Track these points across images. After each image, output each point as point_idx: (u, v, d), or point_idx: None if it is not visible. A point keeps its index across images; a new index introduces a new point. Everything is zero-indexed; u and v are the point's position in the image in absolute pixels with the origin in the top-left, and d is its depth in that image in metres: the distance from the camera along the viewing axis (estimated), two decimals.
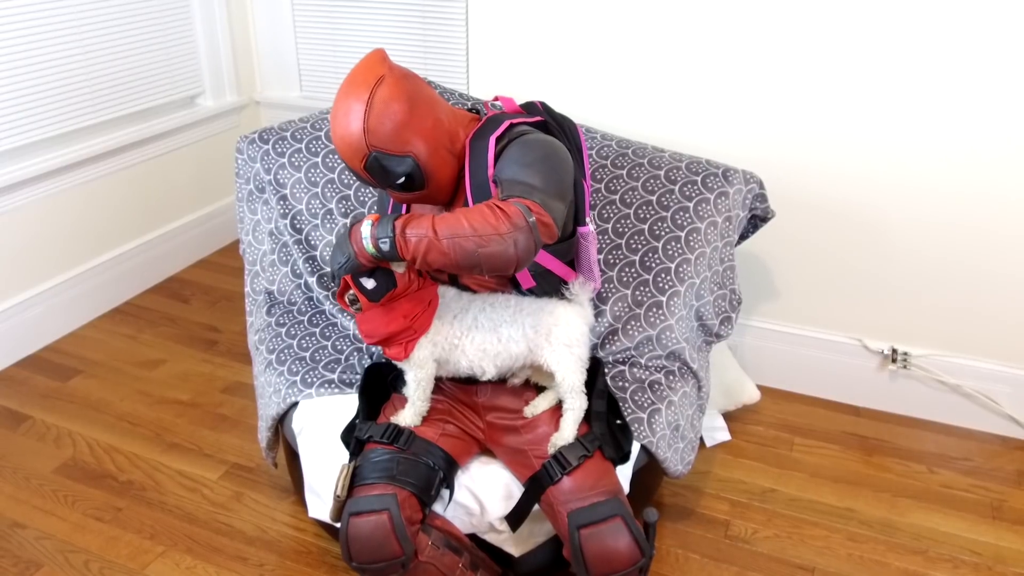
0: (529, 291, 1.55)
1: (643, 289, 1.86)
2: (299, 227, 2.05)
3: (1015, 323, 2.20)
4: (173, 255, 3.15)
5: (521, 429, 1.58)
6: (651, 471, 1.81)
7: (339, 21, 2.92)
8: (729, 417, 2.36)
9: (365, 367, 1.76)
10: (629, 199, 1.95)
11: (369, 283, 1.38)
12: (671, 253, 1.87)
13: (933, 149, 2.10)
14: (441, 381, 1.65)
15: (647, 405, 1.74)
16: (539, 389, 1.62)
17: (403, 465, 1.49)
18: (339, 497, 1.48)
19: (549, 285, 1.57)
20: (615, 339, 1.85)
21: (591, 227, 1.60)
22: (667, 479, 2.12)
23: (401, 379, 1.62)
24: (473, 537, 1.65)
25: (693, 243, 1.88)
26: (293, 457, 1.89)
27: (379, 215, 1.37)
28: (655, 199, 1.93)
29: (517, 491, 1.58)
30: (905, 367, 2.33)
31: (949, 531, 1.98)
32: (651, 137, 2.39)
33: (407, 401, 1.58)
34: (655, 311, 1.84)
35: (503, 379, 1.61)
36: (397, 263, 1.38)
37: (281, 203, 2.05)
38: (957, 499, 2.08)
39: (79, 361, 2.61)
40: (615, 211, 1.94)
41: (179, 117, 3.02)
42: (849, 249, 2.29)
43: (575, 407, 1.52)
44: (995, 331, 2.23)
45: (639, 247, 1.89)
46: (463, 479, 1.60)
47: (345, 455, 1.65)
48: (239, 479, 2.12)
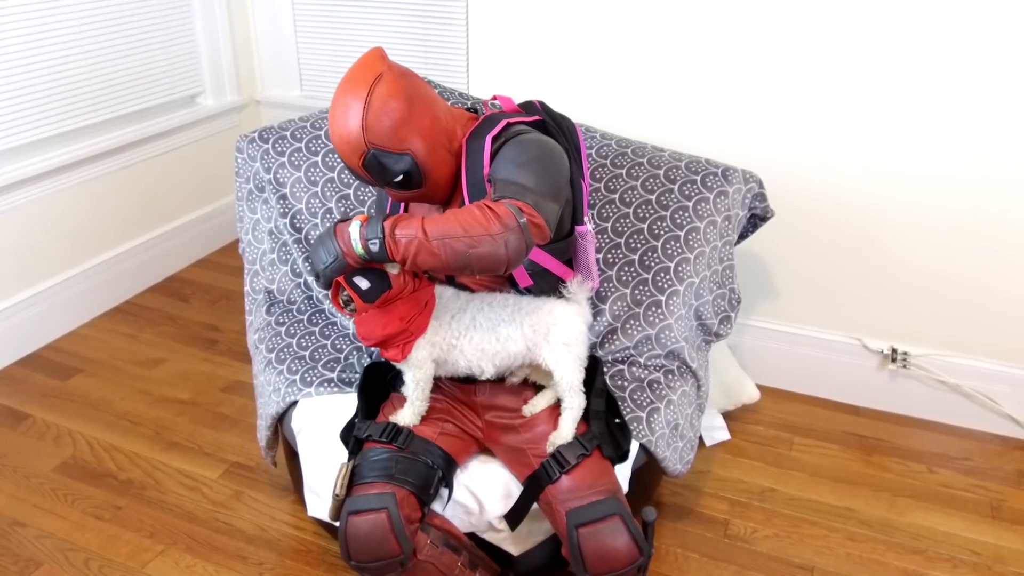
0: (527, 290, 1.55)
1: (642, 288, 1.86)
2: (299, 226, 2.05)
3: (1015, 323, 2.20)
4: (173, 254, 3.15)
5: (520, 428, 1.58)
6: (650, 470, 1.81)
7: (340, 20, 2.92)
8: (728, 416, 2.36)
9: (364, 366, 1.76)
10: (628, 198, 1.95)
11: (363, 283, 1.37)
12: (670, 252, 1.87)
13: (933, 149, 2.10)
14: (440, 380, 1.65)
15: (646, 404, 1.74)
16: (537, 388, 1.62)
17: (402, 464, 1.49)
18: (338, 496, 1.48)
19: (547, 284, 1.57)
20: (614, 338, 1.85)
21: (589, 226, 1.60)
22: (666, 478, 2.12)
23: (400, 378, 1.62)
24: (472, 536, 1.65)
25: (692, 242, 1.88)
26: (292, 456, 1.89)
27: (367, 215, 1.36)
28: (654, 198, 1.93)
29: (516, 490, 1.59)
30: (905, 367, 2.33)
31: (948, 531, 1.98)
32: (650, 136, 2.39)
33: (406, 400, 1.58)
34: (654, 310, 1.84)
35: (502, 378, 1.61)
36: (391, 264, 1.37)
37: (281, 202, 2.05)
38: (956, 499, 2.08)
39: (79, 360, 2.61)
40: (614, 210, 1.95)
41: (179, 116, 3.02)
42: (849, 248, 2.29)
43: (573, 406, 1.52)
44: (995, 331, 2.23)
45: (638, 246, 1.89)
46: (462, 478, 1.60)
47: (344, 454, 1.66)
48: (239, 478, 2.12)
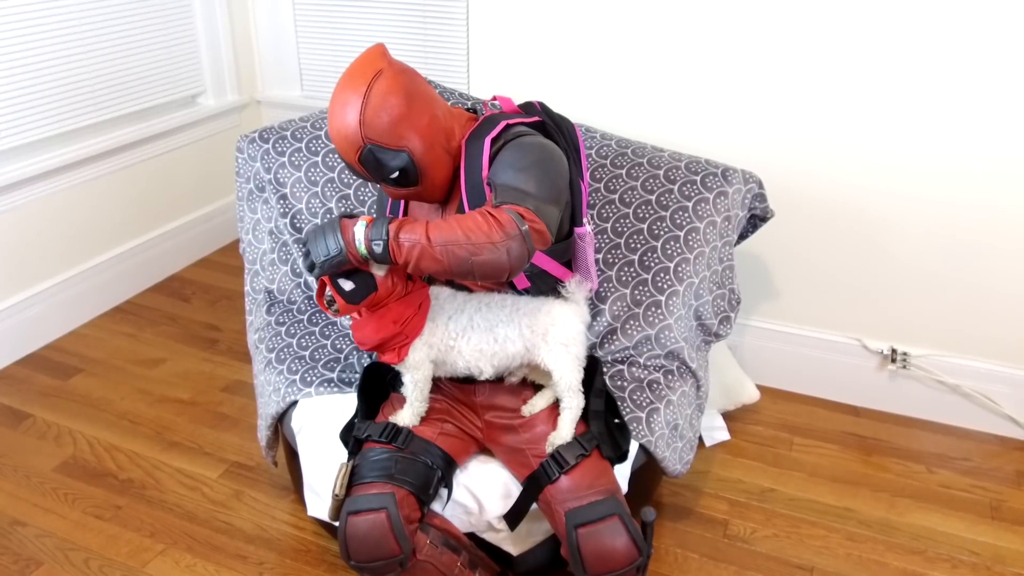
0: (525, 291, 1.56)
1: (642, 288, 1.86)
2: (299, 226, 2.05)
3: (1014, 323, 2.20)
4: (174, 254, 3.16)
5: (519, 428, 1.58)
6: (650, 470, 1.81)
7: (340, 20, 2.93)
8: (728, 417, 2.36)
9: (364, 366, 1.76)
10: (628, 198, 1.95)
11: (347, 284, 1.37)
12: (670, 252, 1.87)
13: (933, 149, 2.10)
14: (439, 381, 1.65)
15: (646, 404, 1.74)
16: (537, 388, 1.62)
17: (401, 464, 1.49)
18: (338, 496, 1.48)
19: (545, 285, 1.57)
20: (614, 338, 1.85)
21: (588, 228, 1.60)
22: (666, 478, 2.12)
23: (400, 379, 1.62)
24: (471, 536, 1.65)
25: (692, 243, 1.88)
26: (292, 456, 1.90)
27: (372, 217, 1.36)
28: (654, 198, 1.93)
29: (515, 490, 1.59)
30: (904, 367, 2.33)
31: (948, 531, 1.98)
32: (650, 137, 2.39)
33: (406, 401, 1.58)
34: (654, 310, 1.84)
35: (501, 378, 1.61)
36: (378, 267, 1.37)
37: (281, 202, 2.06)
38: (956, 499, 2.08)
39: (80, 359, 2.61)
40: (614, 210, 1.95)
41: (180, 116, 3.03)
42: (848, 249, 2.29)
43: (572, 406, 1.52)
44: (994, 331, 2.23)
45: (638, 246, 1.89)
46: (461, 478, 1.61)
47: (344, 454, 1.66)
48: (239, 478, 2.12)
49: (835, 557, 1.90)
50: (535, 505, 1.55)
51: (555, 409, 1.58)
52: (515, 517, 1.56)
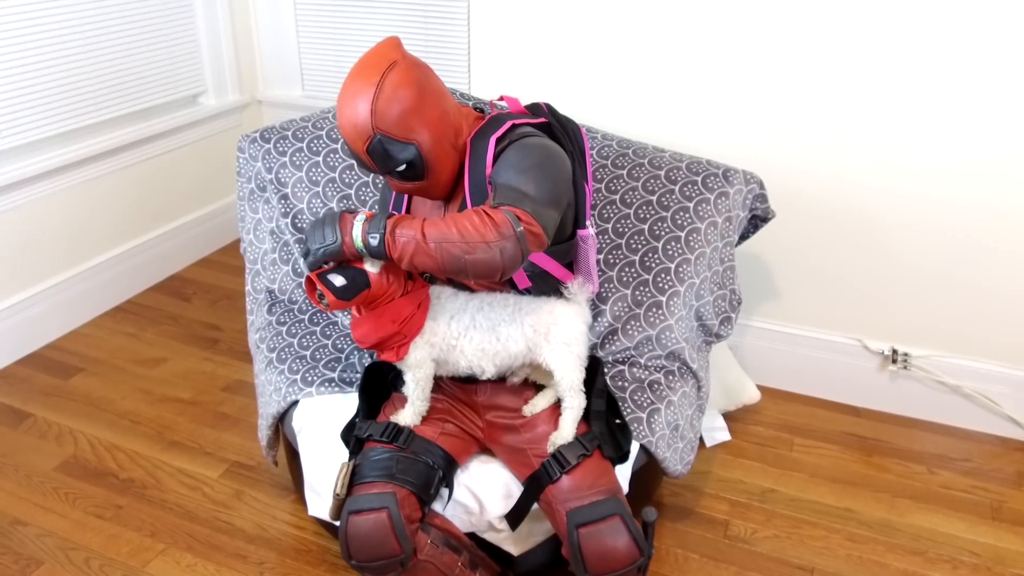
0: (526, 291, 1.56)
1: (643, 289, 1.86)
2: (300, 226, 2.05)
3: (1015, 324, 2.20)
4: (175, 253, 3.16)
5: (520, 428, 1.58)
6: (650, 471, 1.81)
7: (341, 20, 2.93)
8: (729, 417, 2.36)
9: (365, 366, 1.76)
10: (629, 199, 1.95)
11: (338, 280, 1.37)
12: (671, 253, 1.87)
13: (934, 150, 2.10)
14: (441, 380, 1.65)
15: (646, 405, 1.74)
16: (538, 388, 1.62)
17: (402, 464, 1.49)
18: (339, 495, 1.48)
19: (547, 285, 1.57)
20: (615, 339, 1.85)
21: (591, 230, 1.60)
22: (667, 479, 2.12)
23: (401, 378, 1.62)
24: (472, 536, 1.65)
25: (693, 243, 1.88)
26: (293, 455, 1.90)
27: (372, 212, 1.37)
28: (655, 199, 1.93)
29: (516, 490, 1.59)
30: (905, 368, 2.33)
31: (948, 532, 1.98)
32: (652, 137, 2.39)
33: (407, 400, 1.58)
34: (655, 311, 1.84)
35: (503, 378, 1.61)
36: (371, 263, 1.38)
37: (282, 202, 2.06)
38: (957, 500, 2.08)
39: (80, 359, 2.62)
40: (615, 211, 1.95)
41: (181, 116, 3.03)
42: (849, 249, 2.29)
43: (574, 405, 1.52)
44: (995, 332, 2.23)
45: (639, 247, 1.89)
46: (462, 478, 1.61)
47: (345, 454, 1.66)
48: (240, 477, 2.12)
49: (836, 558, 1.90)
50: (536, 505, 1.55)
51: (556, 409, 1.58)
52: (516, 517, 1.56)
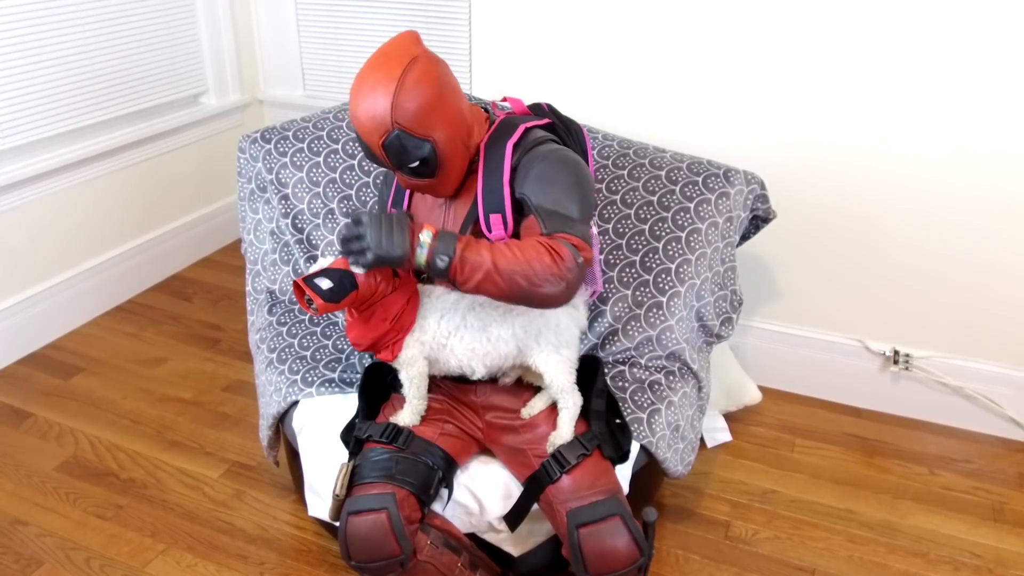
0: None
1: (643, 289, 1.86)
2: (300, 227, 2.05)
3: (1017, 325, 2.19)
4: (175, 253, 3.16)
5: (520, 428, 1.58)
6: (651, 472, 1.81)
7: (342, 20, 2.93)
8: (730, 418, 2.35)
9: (365, 366, 1.76)
10: (630, 199, 1.95)
11: (325, 283, 1.35)
12: (672, 254, 1.87)
13: (936, 151, 2.10)
14: (440, 381, 1.65)
15: (647, 405, 1.74)
16: (537, 389, 1.62)
17: (402, 464, 1.49)
18: (338, 496, 1.48)
19: None
20: (615, 339, 1.85)
21: (594, 230, 1.60)
22: (667, 480, 2.12)
23: (399, 379, 1.62)
24: (472, 536, 1.65)
25: (694, 244, 1.87)
26: (293, 456, 1.90)
27: (436, 228, 1.37)
28: (656, 199, 1.93)
29: (516, 490, 1.59)
30: (907, 369, 2.33)
31: (950, 533, 1.97)
32: (652, 137, 2.39)
33: (406, 401, 1.58)
34: (655, 311, 1.84)
35: (494, 378, 1.61)
36: (357, 265, 1.34)
37: (283, 202, 2.05)
38: (958, 501, 2.07)
39: (81, 359, 2.62)
40: (616, 211, 1.94)
41: (182, 116, 3.03)
42: (851, 250, 2.28)
43: (569, 405, 1.52)
44: (997, 333, 2.22)
45: (640, 247, 1.89)
46: (462, 478, 1.61)
47: (345, 454, 1.66)
48: (240, 477, 2.12)
49: (837, 559, 1.90)
50: (536, 506, 1.55)
51: (555, 410, 1.57)
52: (516, 518, 1.56)
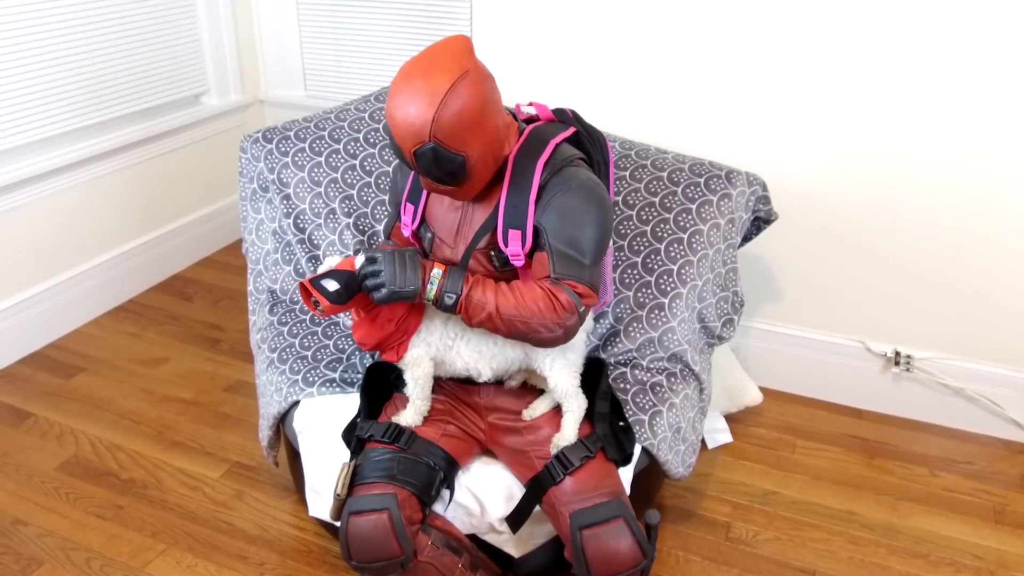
0: None
1: (645, 291, 1.86)
2: (302, 227, 2.05)
3: (1019, 327, 2.19)
4: (177, 253, 3.16)
5: (523, 430, 1.58)
6: (652, 473, 1.81)
7: (344, 21, 2.93)
8: (731, 419, 2.35)
9: (367, 366, 1.76)
10: (632, 201, 1.95)
11: (331, 285, 1.38)
12: (673, 255, 1.87)
13: (937, 152, 2.10)
14: (443, 382, 1.65)
15: (648, 407, 1.74)
16: (539, 391, 1.62)
17: (404, 465, 1.49)
18: (339, 496, 1.48)
19: None
20: (617, 341, 1.85)
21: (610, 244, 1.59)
22: (668, 481, 2.12)
23: (403, 378, 1.62)
24: (473, 538, 1.65)
25: (696, 245, 1.87)
26: (294, 456, 1.89)
27: (446, 266, 1.41)
28: (658, 201, 1.93)
29: (518, 492, 1.59)
30: (908, 370, 2.33)
31: (951, 535, 1.97)
32: (654, 139, 2.38)
33: (408, 401, 1.58)
34: (657, 313, 1.84)
35: (501, 381, 1.61)
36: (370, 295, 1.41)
37: (284, 202, 2.05)
38: (959, 503, 2.07)
39: (82, 359, 2.62)
40: (618, 213, 1.94)
41: (183, 115, 3.03)
42: (852, 251, 2.28)
43: (573, 408, 1.52)
44: (999, 335, 2.22)
45: (641, 249, 1.89)
46: (464, 479, 1.60)
47: (346, 454, 1.66)
48: (240, 478, 2.12)
49: (837, 560, 1.89)
50: (537, 507, 1.55)
51: (558, 412, 1.58)
52: (518, 519, 1.56)
